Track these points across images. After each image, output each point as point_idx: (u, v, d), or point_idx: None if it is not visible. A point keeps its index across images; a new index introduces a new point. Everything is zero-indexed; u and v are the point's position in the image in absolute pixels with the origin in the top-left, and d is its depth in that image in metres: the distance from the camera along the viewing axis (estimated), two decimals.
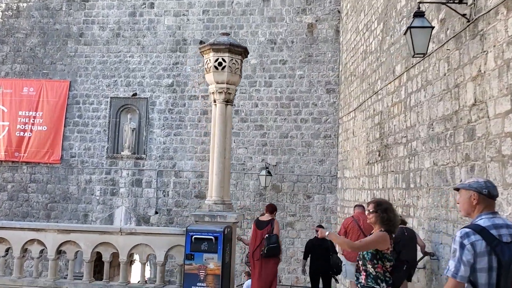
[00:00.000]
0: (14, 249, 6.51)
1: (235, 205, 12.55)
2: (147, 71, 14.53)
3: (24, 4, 15.25)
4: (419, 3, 6.16)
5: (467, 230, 2.70)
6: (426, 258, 6.21)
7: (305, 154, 13.60)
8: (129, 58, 14.64)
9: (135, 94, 14.52)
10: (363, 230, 7.06)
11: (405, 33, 5.93)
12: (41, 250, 6.55)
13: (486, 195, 2.82)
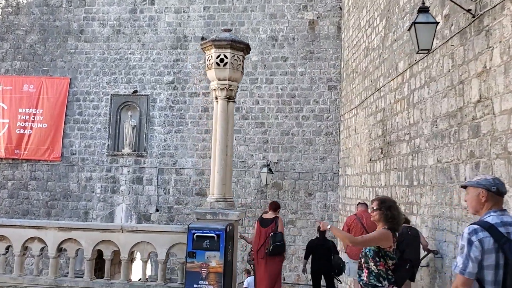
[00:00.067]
0: (15, 247, 6.47)
1: (236, 203, 12.46)
2: (148, 68, 14.47)
3: (24, 1, 15.18)
4: None
5: (475, 227, 2.70)
6: (430, 256, 6.16)
7: (306, 152, 13.55)
8: (130, 55, 14.58)
9: (136, 91, 14.46)
10: (366, 228, 7.01)
11: (409, 29, 5.87)
12: (42, 248, 6.51)
13: (495, 192, 2.82)
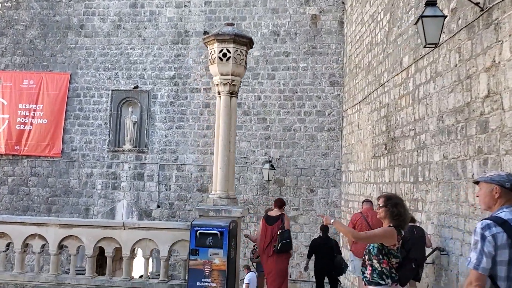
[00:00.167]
0: (15, 244, 6.40)
1: (238, 199, 12.42)
2: (149, 64, 14.36)
3: None
4: None
5: (489, 222, 2.66)
6: (436, 253, 6.08)
7: (309, 148, 13.45)
8: (130, 50, 14.47)
9: (137, 87, 14.36)
10: (372, 226, 6.94)
11: (416, 23, 5.77)
12: (43, 245, 6.45)
13: (509, 189, 2.80)
